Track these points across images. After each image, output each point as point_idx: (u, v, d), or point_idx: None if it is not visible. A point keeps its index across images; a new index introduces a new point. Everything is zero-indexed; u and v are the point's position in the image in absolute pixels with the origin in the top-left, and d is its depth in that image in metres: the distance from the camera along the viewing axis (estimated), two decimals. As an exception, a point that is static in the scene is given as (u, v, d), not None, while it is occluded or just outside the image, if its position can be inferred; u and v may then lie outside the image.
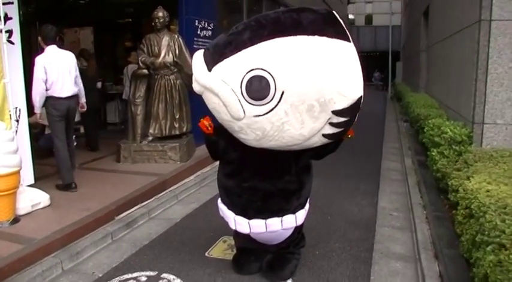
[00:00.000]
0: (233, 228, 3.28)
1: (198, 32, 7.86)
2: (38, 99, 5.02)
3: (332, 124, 2.69)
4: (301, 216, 3.32)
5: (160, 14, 6.62)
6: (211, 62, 2.68)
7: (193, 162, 6.64)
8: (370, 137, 10.16)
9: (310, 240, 4.07)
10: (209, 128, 3.00)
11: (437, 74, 8.90)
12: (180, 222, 4.76)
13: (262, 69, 2.53)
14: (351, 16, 42.18)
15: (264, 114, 2.62)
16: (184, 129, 6.93)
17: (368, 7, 47.60)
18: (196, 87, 2.81)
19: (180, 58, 6.66)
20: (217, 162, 3.45)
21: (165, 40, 6.65)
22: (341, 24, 2.70)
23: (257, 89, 2.56)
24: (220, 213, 3.40)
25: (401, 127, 11.09)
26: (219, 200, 3.40)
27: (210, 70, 2.67)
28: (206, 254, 3.88)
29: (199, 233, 4.36)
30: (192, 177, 6.28)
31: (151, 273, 3.55)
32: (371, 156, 7.87)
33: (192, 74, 2.84)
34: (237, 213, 3.21)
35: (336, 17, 2.71)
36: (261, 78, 2.54)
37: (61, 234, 3.95)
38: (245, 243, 3.48)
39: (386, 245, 4.06)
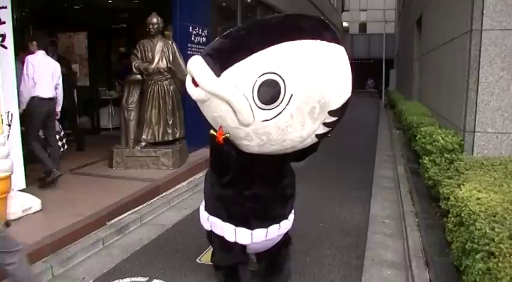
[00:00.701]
0: (233, 240, 3.12)
1: (192, 38, 7.88)
2: (24, 95, 5.34)
3: (325, 124, 2.79)
4: (292, 219, 3.36)
5: (155, 20, 6.63)
6: (218, 67, 2.57)
7: (186, 168, 6.64)
8: (363, 144, 10.22)
9: (301, 246, 4.09)
10: (222, 139, 2.84)
11: (430, 83, 8.96)
12: (172, 228, 4.75)
13: (273, 73, 2.54)
14: (345, 24, 42.44)
15: (272, 119, 2.63)
16: (178, 135, 6.92)
17: (362, 15, 47.87)
18: (199, 94, 2.66)
19: (174, 64, 6.67)
20: None
21: (159, 46, 6.65)
22: (333, 29, 2.81)
23: (269, 92, 2.56)
24: (210, 227, 3.26)
25: (394, 135, 11.15)
26: (207, 215, 3.26)
27: (218, 76, 2.57)
28: (197, 260, 3.88)
29: (191, 239, 4.35)
30: (184, 183, 6.28)
31: (142, 279, 3.54)
32: (364, 164, 7.90)
33: (185, 80, 2.83)
34: (237, 225, 3.09)
35: (328, 23, 2.82)
36: (272, 82, 2.55)
37: (51, 240, 3.93)
38: (237, 258, 3.31)
39: (378, 252, 4.08)
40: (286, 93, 2.56)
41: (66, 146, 6.96)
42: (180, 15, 7.60)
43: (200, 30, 8.13)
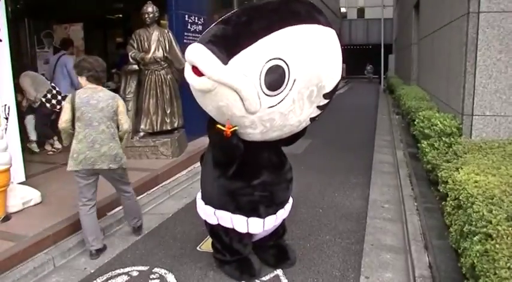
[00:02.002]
0: (244, 231, 3.12)
1: (188, 27, 7.83)
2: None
3: (318, 107, 2.83)
4: (291, 201, 3.42)
5: (150, 9, 6.58)
6: (225, 55, 2.47)
7: (185, 157, 6.64)
8: (363, 130, 10.21)
9: (301, 233, 4.12)
10: (230, 132, 2.78)
11: (428, 67, 8.92)
12: (171, 217, 4.77)
13: (279, 58, 2.53)
14: (343, 9, 42.12)
15: (276, 105, 2.63)
16: (176, 125, 6.91)
17: (360, 0, 47.52)
18: (205, 84, 2.53)
19: (170, 53, 6.63)
20: None
21: (155, 35, 6.61)
22: (323, 13, 2.85)
23: (276, 78, 2.55)
24: (216, 221, 3.21)
25: (394, 119, 11.13)
26: (213, 210, 3.20)
27: (226, 64, 2.47)
28: (198, 248, 3.90)
29: (190, 228, 4.37)
30: (184, 172, 6.28)
31: (143, 268, 3.56)
32: (363, 149, 7.90)
33: (182, 69, 2.81)
34: (248, 215, 3.10)
35: (318, 7, 2.85)
36: (278, 68, 2.54)
37: (52, 231, 3.94)
38: (248, 248, 3.35)
39: (377, 237, 4.09)
40: (290, 78, 2.57)
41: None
42: (175, 3, 7.54)
43: (196, 18, 8.07)
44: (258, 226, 3.12)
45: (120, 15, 11.59)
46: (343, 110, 13.64)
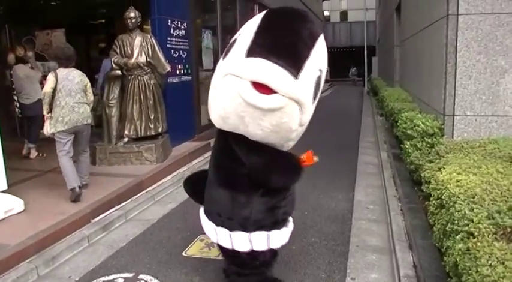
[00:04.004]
0: (284, 242, 2.95)
1: (171, 32, 7.81)
2: None
3: None
4: None
5: (132, 14, 6.56)
6: (292, 67, 2.35)
7: (170, 163, 6.61)
8: (347, 131, 10.28)
9: (287, 236, 4.10)
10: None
11: (410, 68, 9.02)
12: (157, 222, 4.74)
13: (319, 68, 2.57)
14: (326, 13, 42.46)
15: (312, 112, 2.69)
16: (160, 130, 6.88)
17: (343, 3, 47.90)
18: (279, 102, 2.36)
19: (154, 58, 6.61)
20: (195, 162, 3.38)
21: (138, 40, 6.59)
22: None
23: (317, 88, 2.58)
24: (251, 246, 2.82)
25: (377, 121, 11.24)
26: (247, 234, 2.79)
27: (296, 78, 2.36)
28: (183, 254, 3.88)
29: (176, 233, 4.35)
30: (169, 177, 6.26)
31: (129, 275, 3.53)
32: (347, 151, 7.95)
33: (165, 74, 2.77)
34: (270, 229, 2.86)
35: None
36: (319, 78, 2.57)
37: (35, 240, 3.89)
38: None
39: (362, 238, 4.12)
40: (320, 85, 2.63)
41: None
42: (158, 8, 7.52)
43: (179, 23, 8.06)
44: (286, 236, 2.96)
45: (103, 21, 11.51)
46: (328, 112, 13.69)
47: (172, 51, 7.76)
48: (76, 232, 4.28)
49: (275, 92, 2.34)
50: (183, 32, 8.19)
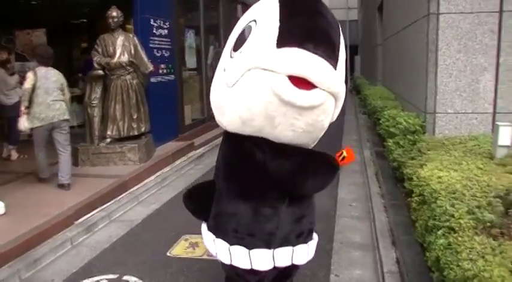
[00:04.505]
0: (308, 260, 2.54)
1: (154, 31, 7.76)
2: None
3: None
4: None
5: (114, 14, 6.50)
6: (331, 58, 2.04)
7: (153, 163, 6.57)
8: (330, 130, 10.26)
9: (271, 234, 4.11)
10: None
11: (393, 67, 9.12)
12: (141, 223, 4.71)
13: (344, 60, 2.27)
14: (309, 12, 42.56)
15: None
16: (143, 130, 6.83)
17: (325, 2, 48.14)
18: (319, 98, 2.03)
19: (136, 58, 6.56)
20: (178, 162, 3.30)
21: (120, 40, 6.53)
22: None
23: None
24: (271, 265, 2.36)
25: (360, 119, 11.31)
26: (271, 252, 2.36)
27: (336, 69, 2.07)
28: (168, 254, 3.86)
29: (160, 233, 4.33)
30: (152, 177, 6.22)
31: (113, 276, 3.51)
32: (331, 149, 7.91)
33: (148, 74, 2.59)
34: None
35: None
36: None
37: (16, 243, 3.82)
38: None
39: (346, 235, 4.16)
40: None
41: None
42: (140, 8, 7.46)
43: (162, 22, 8.01)
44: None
45: (85, 20, 11.39)
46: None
47: (155, 50, 7.71)
48: (59, 234, 4.22)
49: (315, 87, 2.01)
50: (166, 31, 8.14)
